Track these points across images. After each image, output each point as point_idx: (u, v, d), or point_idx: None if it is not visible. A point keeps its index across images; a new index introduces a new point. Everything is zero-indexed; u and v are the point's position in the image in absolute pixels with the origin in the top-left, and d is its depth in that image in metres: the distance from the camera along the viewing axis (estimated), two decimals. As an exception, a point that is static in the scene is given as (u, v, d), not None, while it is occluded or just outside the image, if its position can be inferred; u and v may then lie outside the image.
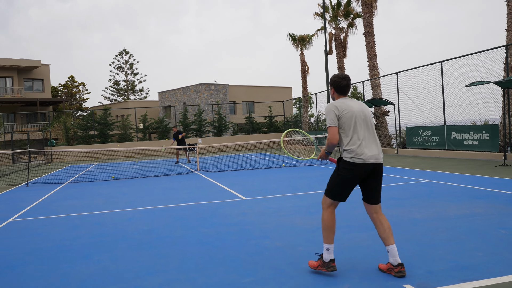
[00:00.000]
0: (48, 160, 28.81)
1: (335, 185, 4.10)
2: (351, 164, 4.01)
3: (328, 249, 4.02)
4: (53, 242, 5.95)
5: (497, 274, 3.82)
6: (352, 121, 4.05)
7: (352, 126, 4.06)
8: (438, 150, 17.44)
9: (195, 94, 42.84)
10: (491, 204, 7.00)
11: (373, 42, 23.22)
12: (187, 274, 4.29)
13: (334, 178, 4.13)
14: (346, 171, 4.04)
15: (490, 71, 14.83)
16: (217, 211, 7.62)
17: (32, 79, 45.33)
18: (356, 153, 4.00)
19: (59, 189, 12.32)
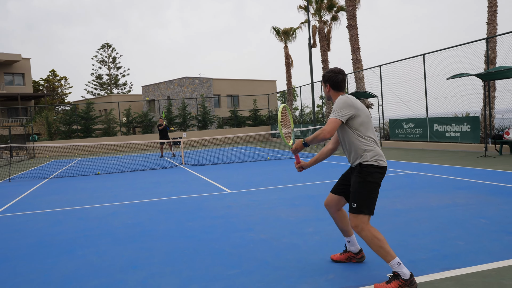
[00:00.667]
0: (30, 155, 28.40)
1: (372, 196, 3.60)
2: (380, 168, 3.64)
3: (399, 263, 3.44)
4: (36, 237, 5.89)
5: (478, 262, 3.90)
6: (370, 121, 3.73)
7: (370, 126, 3.72)
8: (421, 142, 17.66)
9: (179, 88, 42.59)
10: (472, 194, 7.13)
11: (357, 35, 23.34)
12: (172, 267, 4.29)
13: (365, 189, 3.59)
14: (378, 176, 3.62)
15: (471, 63, 15.10)
16: (202, 205, 7.62)
17: (13, 73, 44.54)
18: (380, 155, 3.69)
19: (41, 184, 12.17)
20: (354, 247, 4.07)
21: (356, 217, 3.58)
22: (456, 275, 3.64)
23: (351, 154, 3.76)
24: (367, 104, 22.84)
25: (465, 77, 13.81)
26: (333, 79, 3.82)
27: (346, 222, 4.02)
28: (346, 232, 4.07)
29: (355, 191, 3.63)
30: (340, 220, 4.04)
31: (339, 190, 3.99)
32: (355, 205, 3.59)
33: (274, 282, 3.73)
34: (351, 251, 4.09)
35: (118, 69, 69.68)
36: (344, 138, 3.79)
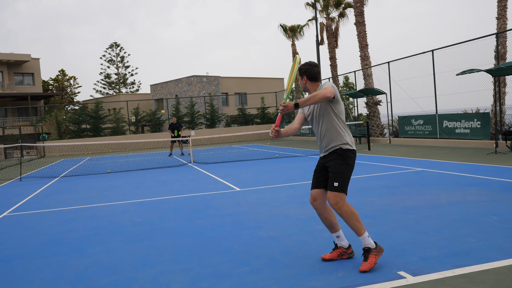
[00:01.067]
0: (40, 154, 28.63)
1: (349, 177, 3.96)
2: (354, 152, 4.01)
3: (368, 236, 3.90)
4: (47, 235, 5.93)
5: (490, 260, 3.86)
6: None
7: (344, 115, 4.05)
8: (430, 138, 17.53)
9: (187, 87, 42.66)
10: (483, 191, 7.06)
11: (365, 32, 23.21)
12: (182, 264, 4.30)
13: (347, 170, 3.93)
14: (354, 160, 3.99)
15: (481, 59, 14.90)
16: (211, 203, 7.63)
17: (23, 73, 44.88)
18: (353, 141, 4.05)
19: (52, 183, 12.26)
20: (344, 242, 4.13)
21: (337, 195, 3.88)
22: (468, 272, 3.61)
23: (331, 139, 3.97)
24: (376, 101, 22.71)
25: (475, 73, 13.68)
26: (310, 71, 4.04)
27: (333, 215, 4.11)
28: (334, 227, 4.12)
29: (339, 172, 3.91)
30: (328, 214, 4.10)
31: (320, 183, 4.08)
32: (337, 184, 3.87)
33: (284, 279, 3.73)
34: (342, 246, 4.13)
35: (126, 68, 69.95)
36: (324, 122, 3.99)
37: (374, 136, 22.35)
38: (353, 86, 36.01)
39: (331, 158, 3.98)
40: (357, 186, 8.32)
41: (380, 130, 22.84)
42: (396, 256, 4.13)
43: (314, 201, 4.10)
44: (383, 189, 7.87)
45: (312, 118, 4.13)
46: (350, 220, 3.87)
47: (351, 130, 22.62)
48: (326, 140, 4.00)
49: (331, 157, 3.97)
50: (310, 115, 4.14)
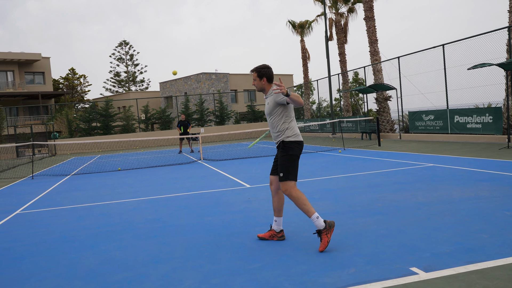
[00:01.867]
0: (51, 152, 28.90)
1: (294, 166, 4.57)
2: (299, 143, 4.60)
3: (318, 217, 4.37)
4: (60, 233, 5.99)
5: (504, 255, 3.83)
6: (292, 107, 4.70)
7: (293, 111, 4.73)
8: (441, 134, 17.39)
9: (196, 84, 42.74)
10: (496, 186, 6.99)
11: (374, 27, 23.06)
12: (194, 261, 4.32)
13: (291, 161, 4.54)
14: (298, 150, 4.59)
15: (493, 53, 14.73)
16: (221, 199, 7.65)
17: (33, 72, 45.26)
18: (298, 133, 4.65)
19: (63, 181, 12.37)
20: (277, 227, 4.81)
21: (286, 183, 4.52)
22: (481, 268, 3.58)
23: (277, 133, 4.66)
24: (386, 96, 22.58)
25: (487, 67, 13.53)
26: (269, 74, 4.68)
27: (282, 202, 4.79)
28: (279, 212, 4.80)
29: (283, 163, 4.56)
30: (279, 199, 4.78)
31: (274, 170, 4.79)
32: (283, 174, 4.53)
33: (296, 276, 3.73)
34: (274, 230, 4.81)
35: (135, 66, 70.23)
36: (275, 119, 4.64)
37: (384, 132, 22.22)
38: (362, 82, 35.82)
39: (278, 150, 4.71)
40: (368, 182, 8.29)
41: (390, 125, 22.70)
42: (408, 252, 4.10)
43: (270, 185, 4.83)
44: (394, 185, 7.83)
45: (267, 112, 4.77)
46: (299, 204, 4.44)
47: (361, 125, 22.54)
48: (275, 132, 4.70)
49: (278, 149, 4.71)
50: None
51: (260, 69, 4.70)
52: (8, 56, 41.79)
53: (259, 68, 4.71)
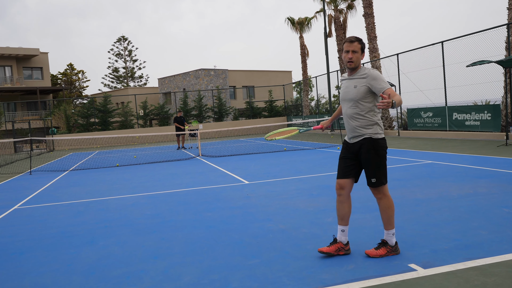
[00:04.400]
0: (50, 148, 28.85)
1: (385, 167, 3.97)
2: (385, 141, 4.00)
3: (394, 233, 3.99)
4: (58, 228, 5.99)
5: (501, 252, 3.84)
6: None
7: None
8: (439, 131, 17.41)
9: (195, 80, 42.68)
10: (494, 183, 7.01)
11: (373, 24, 23.04)
12: (192, 257, 4.32)
13: (383, 162, 3.93)
14: (386, 149, 3.98)
15: (492, 50, 14.73)
16: (220, 195, 7.65)
17: (31, 67, 45.12)
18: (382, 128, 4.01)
19: (62, 177, 12.36)
20: (345, 237, 4.05)
21: (382, 187, 3.96)
22: (480, 264, 3.59)
23: (361, 127, 3.91)
24: (384, 93, 22.57)
25: (485, 65, 13.53)
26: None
27: (350, 208, 4.10)
28: (347, 220, 4.08)
29: (373, 167, 3.91)
30: (349, 205, 4.09)
31: (349, 172, 4.04)
32: (374, 180, 3.91)
33: (295, 272, 3.73)
34: (342, 242, 4.03)
35: (134, 62, 70.07)
36: (362, 110, 3.89)
37: (384, 129, 22.21)
38: (361, 79, 35.80)
39: (363, 148, 3.95)
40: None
41: (389, 122, 22.73)
42: (407, 248, 4.11)
43: (340, 189, 4.05)
44: (393, 181, 7.83)
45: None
46: (390, 212, 3.96)
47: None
48: (361, 125, 3.96)
49: (363, 147, 3.94)
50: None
51: (362, 41, 3.92)
52: (6, 51, 41.65)
53: (360, 39, 3.90)
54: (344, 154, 4.07)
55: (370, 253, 3.93)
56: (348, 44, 3.86)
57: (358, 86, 3.85)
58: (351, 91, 3.89)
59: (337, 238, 4.05)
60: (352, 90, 3.88)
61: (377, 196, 3.99)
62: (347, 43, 3.87)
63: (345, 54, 3.88)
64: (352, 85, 3.90)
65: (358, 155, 3.97)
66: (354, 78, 3.90)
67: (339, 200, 4.07)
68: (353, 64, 3.85)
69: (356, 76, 3.90)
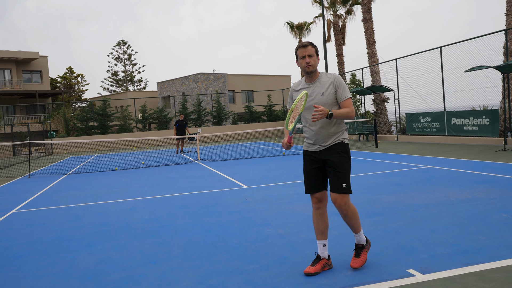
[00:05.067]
0: (48, 151, 28.82)
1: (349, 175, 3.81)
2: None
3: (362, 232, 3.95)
4: (56, 232, 5.97)
5: (500, 258, 3.84)
6: None
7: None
8: (438, 136, 17.43)
9: (194, 84, 42.70)
10: (492, 188, 7.01)
11: (372, 29, 23.10)
12: (191, 261, 4.31)
13: (349, 167, 3.78)
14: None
15: (490, 56, 14.79)
16: (218, 200, 7.64)
17: (31, 71, 45.13)
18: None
19: (60, 180, 12.33)
20: (327, 252, 3.88)
21: (346, 196, 3.74)
22: (478, 270, 3.59)
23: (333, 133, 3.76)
24: (383, 98, 22.62)
25: (484, 70, 13.57)
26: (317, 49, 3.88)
27: (328, 221, 3.93)
28: (327, 233, 3.91)
29: (345, 171, 3.74)
30: (327, 217, 3.94)
31: (322, 183, 3.86)
32: (345, 185, 3.71)
33: (293, 277, 3.72)
34: (325, 257, 3.85)
35: (133, 65, 70.11)
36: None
37: (382, 134, 22.25)
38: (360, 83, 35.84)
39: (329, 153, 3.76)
40: (365, 184, 8.30)
41: (387, 127, 22.74)
42: (405, 254, 4.11)
43: (319, 202, 3.87)
44: (391, 186, 7.84)
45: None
46: (354, 220, 3.82)
47: (358, 127, 22.55)
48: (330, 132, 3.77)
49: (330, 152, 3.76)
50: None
51: (313, 43, 3.80)
52: (5, 55, 41.66)
53: (312, 43, 3.80)
54: (310, 166, 3.87)
55: (355, 264, 3.78)
56: (302, 49, 3.74)
57: (326, 93, 3.70)
58: (318, 98, 3.71)
59: (320, 255, 3.87)
60: (319, 97, 3.71)
61: (342, 204, 3.72)
62: (301, 48, 3.75)
63: (301, 60, 3.74)
64: (317, 92, 3.73)
65: (326, 162, 3.78)
66: (317, 84, 3.75)
67: (318, 213, 3.88)
68: (312, 67, 3.71)
69: (319, 82, 3.76)
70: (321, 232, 3.89)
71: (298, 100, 3.55)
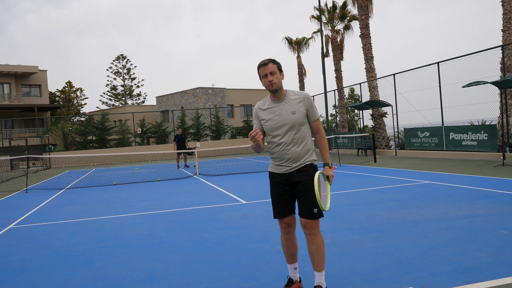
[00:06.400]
0: (46, 166, 28.74)
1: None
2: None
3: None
4: (53, 248, 5.92)
5: (501, 275, 3.81)
6: None
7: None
8: (436, 151, 17.45)
9: (193, 98, 42.83)
10: (492, 204, 7.00)
11: (370, 44, 23.27)
12: (189, 278, 4.27)
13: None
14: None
15: (487, 71, 14.88)
16: (217, 215, 7.60)
17: (30, 85, 45.26)
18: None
19: (58, 195, 12.28)
20: (298, 275, 3.77)
21: (316, 221, 3.53)
22: (479, 288, 3.56)
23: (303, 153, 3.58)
24: (381, 113, 22.69)
25: (481, 85, 13.65)
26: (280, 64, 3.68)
27: (297, 244, 3.79)
28: (296, 256, 3.77)
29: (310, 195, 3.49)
30: (295, 242, 3.77)
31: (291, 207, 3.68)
32: (316, 210, 3.48)
33: (292, 295, 3.68)
34: (297, 280, 3.74)
35: (132, 80, 70.36)
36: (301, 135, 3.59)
37: (380, 148, 22.27)
38: (358, 98, 35.99)
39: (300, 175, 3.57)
40: (364, 199, 8.27)
41: (386, 142, 22.77)
42: (405, 271, 4.08)
43: (289, 226, 3.69)
44: (390, 202, 7.82)
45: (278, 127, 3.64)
46: (322, 251, 3.55)
47: (357, 141, 22.56)
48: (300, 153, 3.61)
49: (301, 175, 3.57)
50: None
51: (275, 60, 3.64)
52: (5, 69, 41.82)
53: (274, 59, 3.63)
54: (278, 190, 3.65)
55: None
56: (263, 68, 3.57)
57: (297, 112, 3.56)
58: (288, 117, 3.55)
59: (292, 278, 3.75)
60: (290, 116, 3.55)
61: (313, 231, 3.52)
62: (261, 67, 3.58)
63: (264, 79, 3.58)
64: (287, 110, 3.57)
65: (296, 184, 3.57)
66: (286, 103, 3.61)
67: (287, 238, 3.71)
68: (276, 85, 3.55)
69: (288, 101, 3.61)
70: (291, 256, 3.74)
71: (316, 183, 3.36)
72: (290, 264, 3.75)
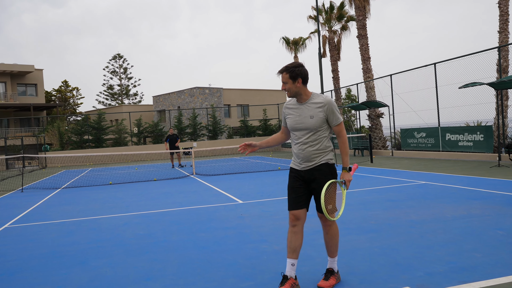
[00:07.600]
0: (42, 165, 28.64)
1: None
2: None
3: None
4: (49, 248, 5.90)
5: (496, 275, 3.82)
6: None
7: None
8: (433, 151, 17.50)
9: (190, 98, 42.78)
10: (487, 205, 7.02)
11: (367, 45, 23.31)
12: (185, 278, 4.26)
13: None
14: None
15: (483, 72, 14.93)
16: (214, 215, 7.60)
17: (26, 84, 45.09)
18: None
19: (54, 195, 12.24)
20: (294, 272, 3.76)
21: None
22: (475, 288, 3.57)
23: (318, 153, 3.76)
24: (378, 113, 22.74)
25: (477, 86, 13.70)
26: (304, 73, 3.70)
27: (302, 240, 3.85)
28: (298, 252, 3.79)
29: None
30: (302, 237, 3.84)
31: (304, 202, 3.81)
32: (331, 207, 3.70)
33: (289, 294, 3.68)
34: (292, 277, 3.72)
35: (129, 79, 70.18)
36: (318, 138, 3.75)
37: (377, 149, 22.31)
38: (355, 99, 36.06)
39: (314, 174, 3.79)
40: (361, 199, 8.28)
41: (382, 142, 22.82)
42: (401, 271, 4.09)
43: (296, 220, 3.79)
44: (387, 202, 7.83)
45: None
46: (336, 240, 3.90)
47: (353, 142, 22.61)
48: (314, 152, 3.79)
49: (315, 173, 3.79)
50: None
51: (293, 68, 3.67)
52: (0, 68, 41.64)
53: (291, 67, 3.67)
54: (294, 184, 3.82)
55: (323, 285, 3.79)
56: (279, 75, 3.76)
57: (315, 117, 3.68)
58: (306, 120, 3.71)
59: (287, 274, 3.73)
60: (308, 120, 3.70)
61: (327, 223, 3.85)
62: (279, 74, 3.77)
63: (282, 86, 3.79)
64: (306, 114, 3.71)
65: (311, 181, 3.77)
66: (307, 106, 3.73)
67: (293, 231, 3.77)
68: (289, 93, 3.74)
69: (309, 105, 3.73)
70: (293, 250, 3.75)
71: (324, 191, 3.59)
72: (289, 259, 3.76)
